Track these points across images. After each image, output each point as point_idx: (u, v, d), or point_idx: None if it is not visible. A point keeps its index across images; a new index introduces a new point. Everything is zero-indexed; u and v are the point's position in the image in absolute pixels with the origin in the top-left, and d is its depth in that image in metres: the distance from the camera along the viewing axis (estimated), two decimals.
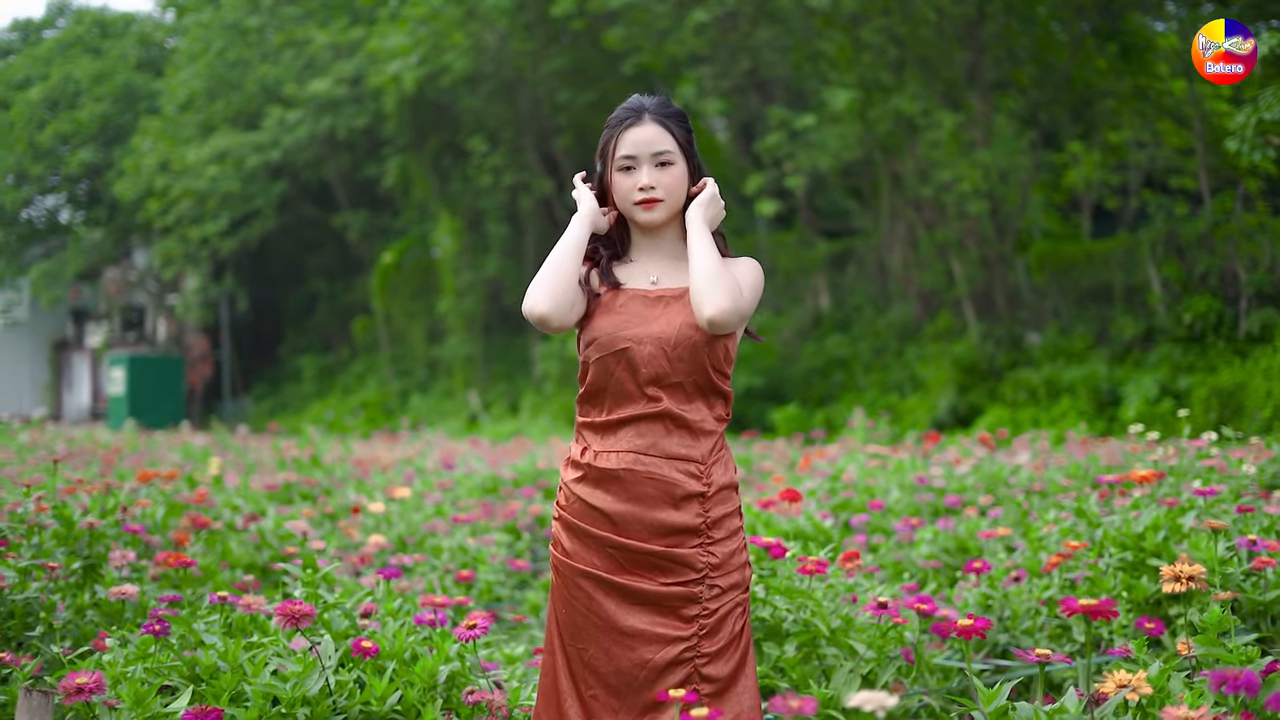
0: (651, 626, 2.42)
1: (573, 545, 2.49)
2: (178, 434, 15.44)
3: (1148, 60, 16.05)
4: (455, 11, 19.87)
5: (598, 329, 2.55)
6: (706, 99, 17.94)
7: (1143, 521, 3.78)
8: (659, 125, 2.58)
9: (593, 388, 2.56)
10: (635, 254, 2.67)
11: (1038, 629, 3.84)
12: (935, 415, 15.28)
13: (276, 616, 2.64)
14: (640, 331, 2.52)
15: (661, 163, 2.57)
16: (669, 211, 2.60)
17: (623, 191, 2.60)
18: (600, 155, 2.66)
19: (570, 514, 2.51)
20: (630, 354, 2.51)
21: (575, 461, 2.55)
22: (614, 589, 2.44)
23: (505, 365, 24.75)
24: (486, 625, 2.77)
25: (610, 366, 2.52)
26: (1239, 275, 13.87)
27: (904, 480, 6.37)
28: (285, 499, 6.79)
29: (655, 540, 2.44)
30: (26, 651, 3.65)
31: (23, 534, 4.06)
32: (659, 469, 2.46)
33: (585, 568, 2.46)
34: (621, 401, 2.52)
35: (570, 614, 2.48)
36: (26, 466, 8.41)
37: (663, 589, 2.43)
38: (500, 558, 5.04)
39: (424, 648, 2.98)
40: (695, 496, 2.47)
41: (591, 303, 2.59)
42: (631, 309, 2.56)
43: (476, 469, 8.48)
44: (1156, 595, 3.69)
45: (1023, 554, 4.39)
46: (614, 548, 2.45)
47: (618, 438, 2.50)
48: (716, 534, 2.49)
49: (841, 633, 3.24)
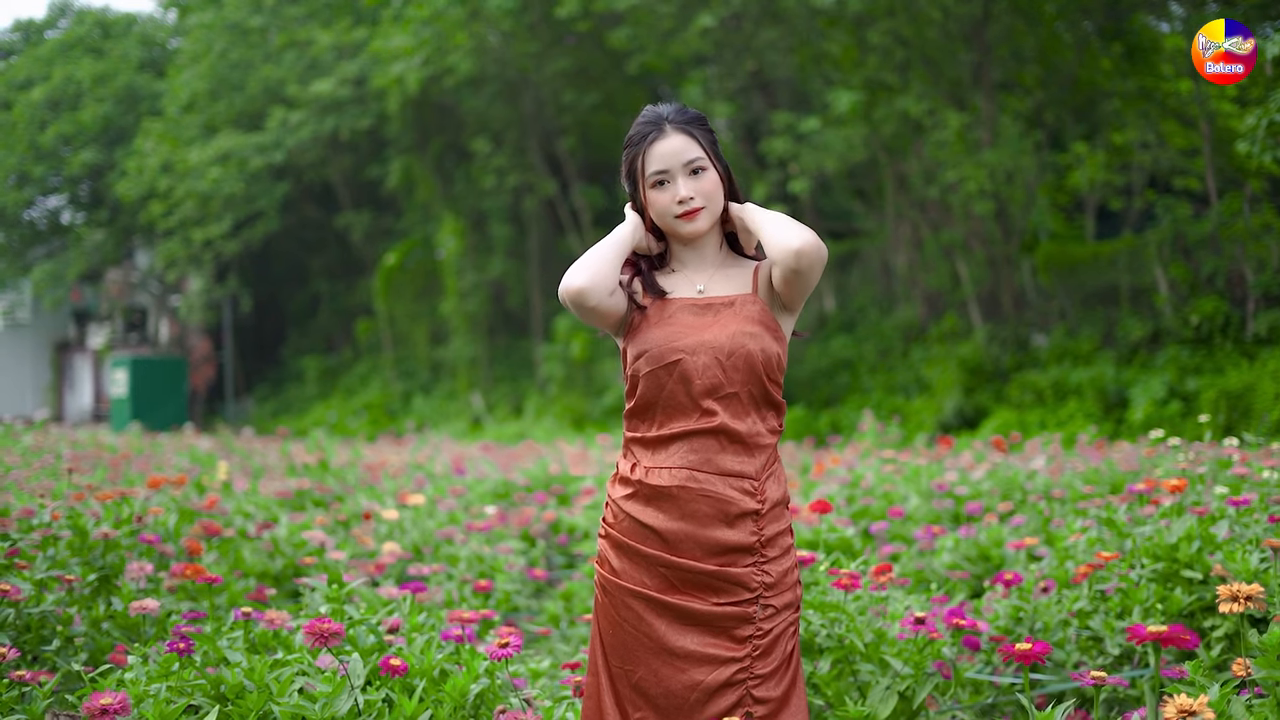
0: (703, 647, 2.36)
1: (622, 564, 2.42)
2: (182, 437, 15.38)
3: (1153, 61, 16.00)
4: (459, 12, 19.82)
5: (648, 340, 2.48)
6: (713, 101, 17.88)
7: (1176, 532, 3.73)
8: (683, 133, 2.52)
9: (643, 402, 2.48)
10: (676, 265, 2.61)
11: (1068, 640, 3.78)
12: (941, 417, 15.23)
13: (305, 635, 2.58)
14: (693, 341, 2.46)
15: (694, 170, 2.51)
16: (711, 218, 2.54)
17: (661, 207, 2.53)
18: (628, 176, 2.59)
19: (619, 532, 2.44)
20: (684, 365, 2.44)
21: (625, 478, 2.47)
22: (665, 609, 2.37)
23: (509, 367, 24.70)
24: (519, 644, 2.71)
25: (662, 379, 2.45)
26: (1246, 277, 13.81)
27: (921, 486, 6.31)
28: (297, 505, 6.73)
29: (708, 559, 2.38)
30: (43, 666, 3.59)
31: (38, 545, 4.01)
32: (713, 486, 2.40)
33: (635, 587, 2.39)
34: (673, 415, 2.44)
35: (618, 634, 2.40)
36: (32, 471, 8.36)
37: (716, 609, 2.36)
38: (518, 567, 4.98)
39: (452, 664, 2.93)
40: (750, 514, 2.41)
41: (636, 315, 2.53)
42: (681, 319, 2.50)
43: (488, 474, 8.43)
44: (1190, 607, 3.63)
45: (1049, 563, 4.34)
46: (665, 567, 2.38)
47: (669, 453, 2.42)
48: (770, 552, 2.43)
49: (874, 648, 3.18)
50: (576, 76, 21.80)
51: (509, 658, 2.69)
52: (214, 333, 31.82)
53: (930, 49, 16.69)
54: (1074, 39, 16.28)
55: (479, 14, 19.90)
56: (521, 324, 25.63)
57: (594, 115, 22.74)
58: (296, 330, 31.85)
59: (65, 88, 30.30)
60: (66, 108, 30.32)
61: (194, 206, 26.46)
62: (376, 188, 27.89)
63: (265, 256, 30.58)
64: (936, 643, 3.21)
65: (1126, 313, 15.25)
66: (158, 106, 29.72)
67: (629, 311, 2.54)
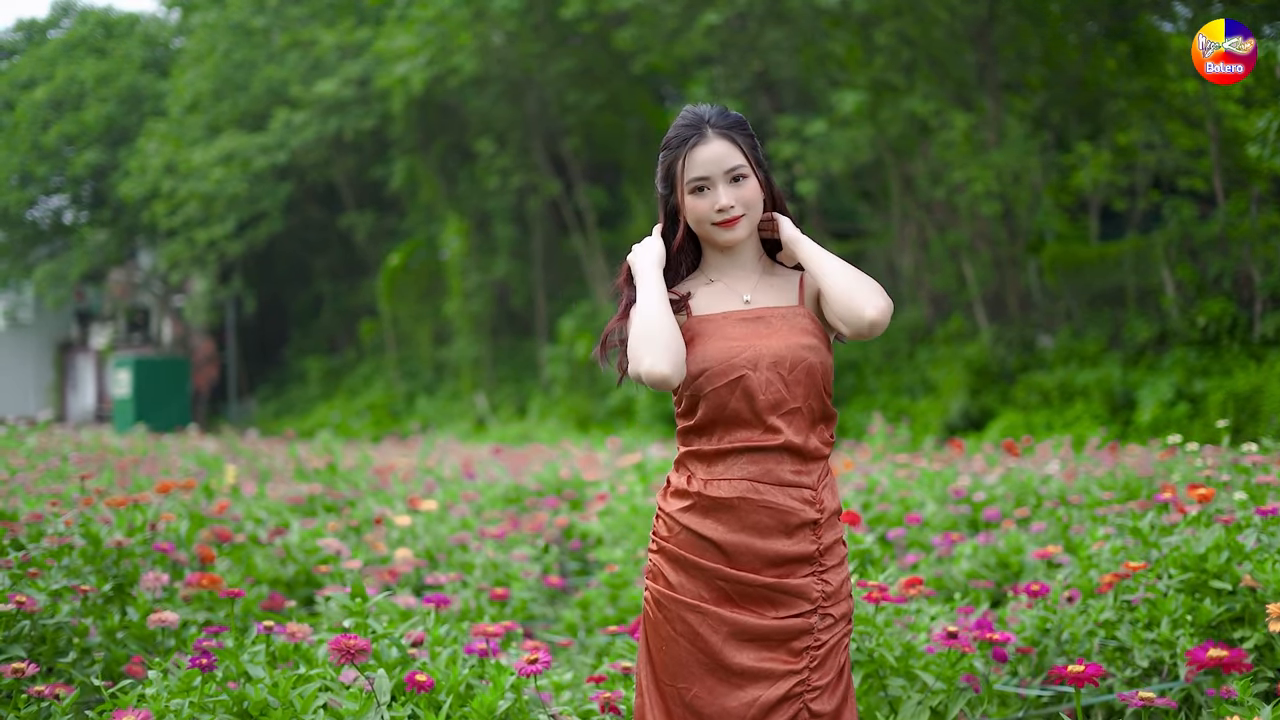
0: (760, 662, 2.30)
1: (678, 578, 2.35)
2: (186, 438, 15.34)
3: (1159, 61, 15.96)
4: (463, 13, 19.78)
5: (707, 357, 2.39)
6: (719, 101, 17.83)
7: (1204, 542, 3.68)
8: (725, 139, 2.45)
9: (706, 419, 2.39)
10: (712, 273, 2.53)
11: (1094, 651, 3.74)
12: (947, 419, 15.18)
13: (330, 651, 2.53)
14: (753, 355, 2.39)
15: (735, 178, 2.44)
16: (750, 226, 2.48)
17: (699, 213, 2.46)
18: (665, 179, 2.51)
19: (676, 545, 2.37)
20: (747, 381, 2.37)
21: (682, 490, 2.39)
22: (723, 623, 2.31)
23: (512, 368, 24.66)
24: (548, 660, 2.67)
25: (725, 397, 2.37)
26: (1253, 278, 13.76)
27: (936, 491, 6.26)
28: (308, 511, 6.69)
29: (767, 571, 2.33)
30: (59, 677, 3.55)
31: (52, 554, 3.96)
32: (774, 497, 2.34)
33: (693, 601, 2.33)
34: (735, 430, 2.38)
35: (672, 651, 2.33)
36: (38, 473, 8.30)
37: (777, 623, 2.31)
38: (534, 574, 4.94)
39: (476, 679, 2.88)
40: (809, 524, 2.36)
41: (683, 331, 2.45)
42: (733, 332, 2.42)
43: (498, 477, 8.38)
44: (1219, 618, 3.59)
45: (1071, 572, 4.29)
46: (724, 580, 2.33)
47: (728, 465, 2.37)
48: (829, 561, 2.39)
49: (903, 661, 3.14)
50: (581, 77, 21.76)
51: (538, 674, 2.64)
52: (217, 333, 31.78)
53: (936, 49, 16.64)
54: (1079, 39, 16.23)
55: (484, 14, 19.86)
56: (525, 324, 25.60)
57: (598, 115, 22.70)
58: (299, 331, 31.82)
59: (68, 87, 30.27)
60: (69, 108, 30.29)
61: (197, 207, 26.43)
62: (380, 188, 27.85)
63: (268, 257, 30.55)
64: (968, 656, 3.16)
65: (1133, 314, 15.20)
66: (161, 107, 29.70)
67: None
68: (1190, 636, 3.46)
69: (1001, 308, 16.87)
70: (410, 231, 27.02)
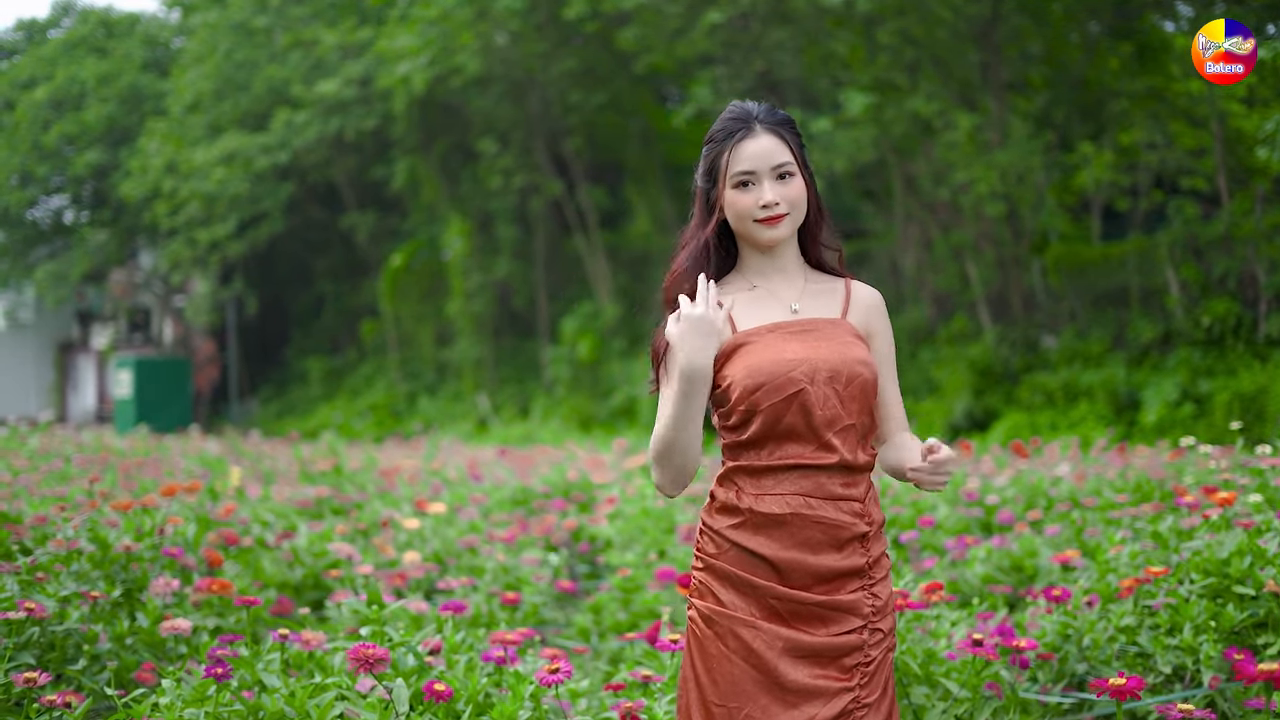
0: (814, 680, 2.24)
1: (729, 596, 2.28)
2: (189, 439, 15.30)
3: (1162, 60, 15.92)
4: (466, 12, 19.74)
5: (760, 369, 2.31)
6: (722, 101, 17.79)
7: (1227, 547, 3.64)
8: (774, 135, 2.38)
9: (760, 434, 2.31)
10: (753, 277, 2.45)
11: (1114, 657, 3.70)
12: (951, 419, 15.14)
13: (349, 661, 2.49)
14: (809, 368, 2.31)
15: (781, 175, 2.37)
16: (793, 226, 2.41)
17: (741, 209, 2.38)
18: (707, 173, 2.43)
19: (726, 563, 2.30)
20: (804, 396, 2.29)
21: (731, 506, 2.32)
22: (778, 639, 2.24)
23: (515, 368, 24.63)
24: (569, 669, 2.63)
25: (780, 412, 2.29)
26: (1258, 277, 13.72)
27: (948, 494, 6.22)
28: (315, 514, 6.66)
29: (817, 588, 2.28)
30: (68, 685, 3.51)
31: (61, 560, 3.92)
32: (825, 512, 2.29)
33: (746, 618, 2.26)
34: (788, 445, 2.31)
35: (724, 670, 2.26)
36: (41, 475, 8.26)
37: (828, 640, 2.26)
38: (545, 578, 4.90)
39: (494, 687, 2.84)
40: (859, 537, 2.31)
41: (728, 340, 2.36)
42: (788, 345, 2.34)
43: (505, 479, 8.35)
44: (1242, 624, 3.55)
45: (1090, 576, 4.25)
46: (776, 598, 2.27)
47: (778, 479, 2.30)
48: (877, 574, 2.34)
49: (926, 668, 3.10)
50: (583, 76, 21.73)
51: (559, 683, 2.60)
52: (218, 334, 31.74)
53: (939, 49, 16.60)
54: (1082, 39, 16.20)
55: (486, 14, 19.83)
56: (527, 325, 25.56)
57: (601, 115, 22.67)
58: (301, 331, 31.79)
59: (69, 87, 30.22)
60: (70, 107, 30.24)
61: (199, 207, 26.39)
62: (382, 188, 27.81)
63: (269, 257, 30.52)
64: (993, 664, 3.12)
65: (1137, 314, 15.17)
66: (162, 106, 29.65)
67: None
68: (1213, 643, 3.43)
69: (1005, 308, 16.82)
70: (412, 232, 26.98)
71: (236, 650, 2.95)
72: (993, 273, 16.78)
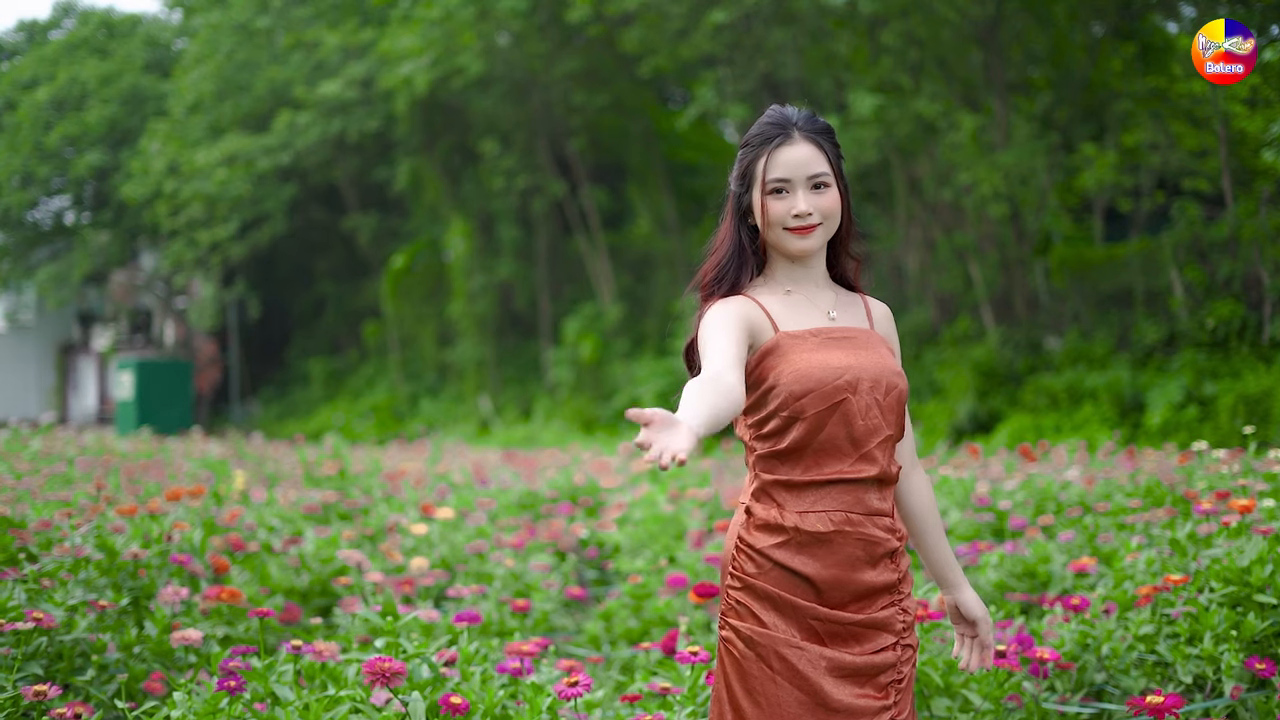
0: (856, 699, 2.20)
1: (770, 617, 2.22)
2: (191, 441, 15.25)
3: (1165, 61, 15.90)
4: (468, 13, 19.71)
5: (810, 376, 2.24)
6: (725, 102, 17.78)
7: (1248, 554, 3.60)
8: (812, 144, 2.32)
9: (799, 444, 2.23)
10: (786, 283, 2.38)
11: (1133, 665, 3.66)
12: (955, 421, 15.10)
13: (365, 675, 2.45)
14: (853, 379, 2.25)
15: (817, 185, 2.32)
16: (825, 238, 2.35)
17: (774, 216, 2.32)
18: (742, 177, 2.37)
19: (768, 583, 2.22)
20: (847, 405, 2.24)
21: (774, 525, 2.24)
22: (822, 659, 2.20)
23: (517, 370, 24.60)
24: (588, 682, 2.59)
25: (823, 420, 2.23)
26: (1263, 279, 13.68)
27: (958, 498, 6.18)
28: (321, 519, 6.62)
29: (852, 605, 2.24)
30: (76, 696, 3.47)
31: (68, 568, 3.88)
32: (865, 528, 2.24)
33: (790, 638, 2.21)
34: (826, 459, 2.24)
35: (769, 693, 2.20)
36: (43, 479, 8.23)
37: (865, 659, 2.22)
38: (555, 585, 4.86)
39: (510, 699, 2.80)
40: (890, 553, 2.27)
41: (768, 342, 2.29)
42: (832, 353, 2.28)
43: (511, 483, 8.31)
44: (1263, 633, 3.51)
45: (1105, 583, 4.21)
46: (817, 619, 2.21)
47: (821, 495, 2.24)
48: (905, 588, 2.29)
49: (946, 678, 3.06)
50: (586, 77, 21.70)
51: (579, 696, 2.56)
52: (219, 335, 31.71)
53: (943, 50, 16.57)
54: (1085, 40, 16.16)
55: (488, 14, 19.80)
56: (529, 326, 25.53)
57: (603, 116, 22.64)
58: (302, 332, 31.76)
59: (70, 88, 30.19)
60: (71, 108, 30.22)
61: (200, 209, 26.37)
62: (384, 189, 27.79)
63: (271, 259, 30.50)
64: (1016, 676, 3.08)
65: (1141, 316, 15.13)
66: (163, 108, 29.63)
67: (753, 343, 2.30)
68: (1235, 652, 3.39)
69: (1009, 309, 16.78)
70: (414, 233, 26.96)
71: (249, 662, 2.91)
72: (996, 274, 16.74)
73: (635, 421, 1.80)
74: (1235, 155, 14.57)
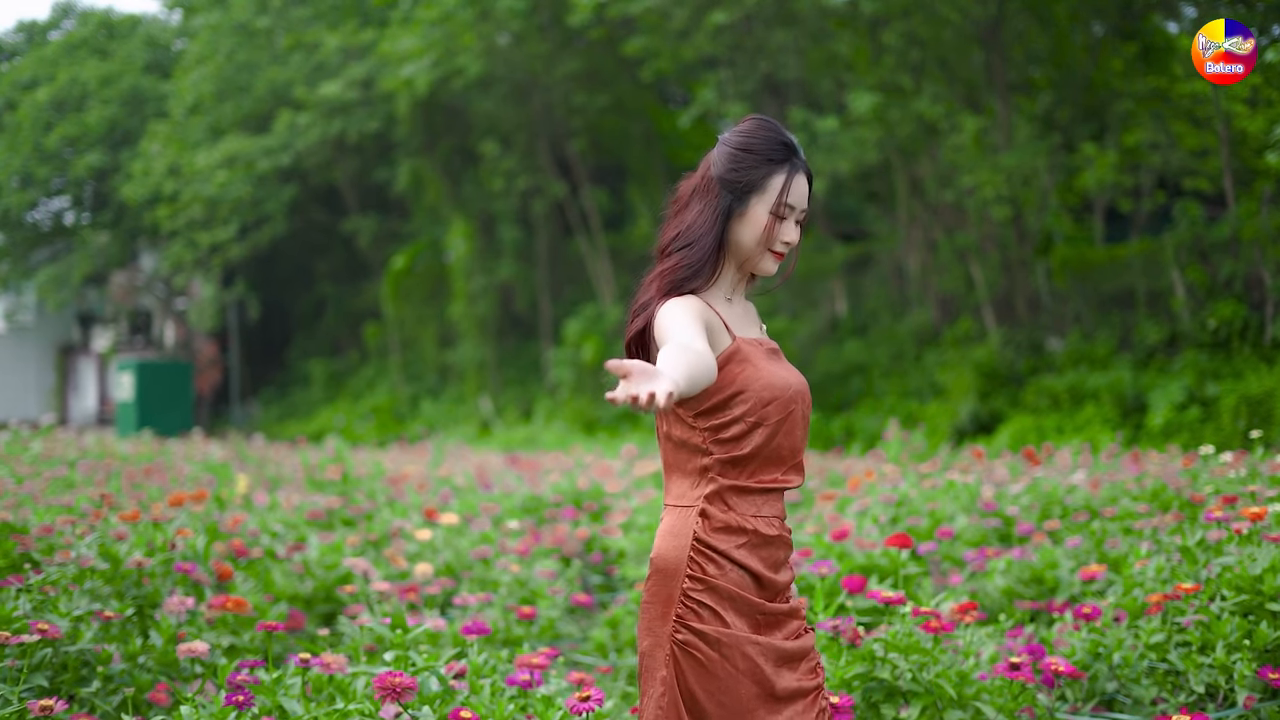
0: (795, 683, 2.34)
1: (731, 616, 2.31)
2: (192, 443, 15.22)
3: (1166, 61, 15.88)
4: (468, 14, 19.69)
5: (774, 385, 2.34)
6: (726, 103, 17.75)
7: (1260, 563, 3.58)
8: (808, 181, 2.44)
9: (756, 451, 2.33)
10: (728, 291, 2.45)
11: (1144, 674, 3.64)
12: (956, 422, 15.08)
13: (376, 690, 2.43)
14: (795, 393, 2.38)
15: (799, 220, 2.44)
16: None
17: (770, 235, 2.39)
18: (742, 185, 2.37)
19: (729, 583, 2.31)
20: (794, 417, 2.37)
21: (735, 527, 2.32)
22: (772, 650, 2.32)
23: (517, 371, 24.57)
24: (600, 697, 2.57)
25: (778, 430, 2.34)
26: (1264, 280, 13.66)
27: (964, 503, 6.16)
28: (325, 524, 6.59)
29: (778, 599, 2.38)
30: (81, 707, 3.44)
31: (73, 578, 3.86)
32: (787, 533, 2.42)
33: (749, 636, 2.31)
34: (769, 466, 2.35)
35: (733, 692, 2.26)
36: (44, 482, 8.19)
37: (798, 644, 2.37)
38: (561, 592, 4.84)
39: (519, 713, 2.78)
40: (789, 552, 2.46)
41: (727, 350, 2.33)
42: (776, 366, 2.39)
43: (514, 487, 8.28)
44: (1275, 642, 3.49)
45: (1114, 590, 4.19)
46: (761, 613, 2.34)
47: (764, 501, 2.36)
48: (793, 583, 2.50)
49: (959, 689, 3.04)
50: (587, 79, 21.68)
51: (591, 711, 2.54)
52: (220, 336, 31.68)
53: (944, 50, 16.55)
54: (1086, 40, 16.15)
55: (489, 15, 19.77)
56: (530, 327, 25.51)
57: (604, 118, 22.62)
58: (302, 333, 31.74)
59: (70, 89, 30.15)
60: (71, 109, 30.17)
61: (200, 210, 26.34)
62: (384, 190, 27.76)
63: (271, 260, 30.48)
64: (1030, 688, 3.06)
65: (1143, 316, 15.11)
66: (163, 109, 29.60)
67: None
68: (1247, 661, 3.37)
69: (1010, 310, 16.76)
70: (414, 234, 26.93)
71: (256, 675, 2.88)
72: (997, 275, 16.72)
73: (614, 373, 1.84)
74: (1236, 155, 14.56)
